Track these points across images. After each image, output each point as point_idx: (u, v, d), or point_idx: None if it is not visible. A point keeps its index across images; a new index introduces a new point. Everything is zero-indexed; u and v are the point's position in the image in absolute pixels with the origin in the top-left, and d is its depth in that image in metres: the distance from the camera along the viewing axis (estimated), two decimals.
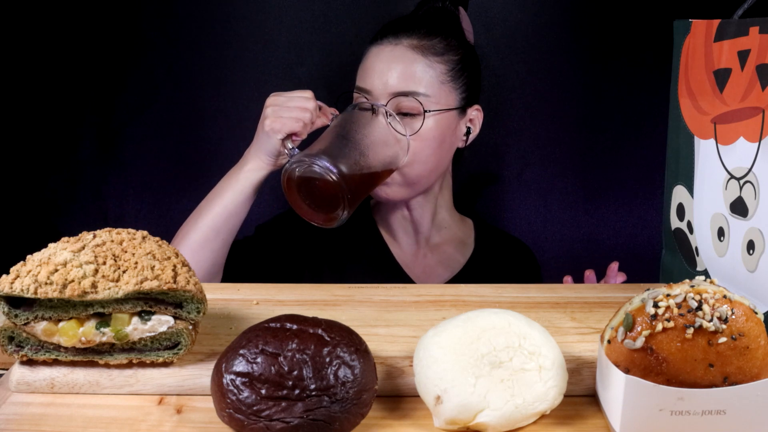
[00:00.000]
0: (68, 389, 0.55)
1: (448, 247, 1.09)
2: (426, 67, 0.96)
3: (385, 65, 0.96)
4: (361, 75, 0.99)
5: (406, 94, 0.94)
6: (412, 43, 0.97)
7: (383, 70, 0.96)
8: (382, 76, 0.95)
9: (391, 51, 0.97)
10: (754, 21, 0.60)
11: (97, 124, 1.20)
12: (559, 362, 0.51)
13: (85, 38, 1.16)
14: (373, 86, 0.95)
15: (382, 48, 0.98)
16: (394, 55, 0.96)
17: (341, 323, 0.53)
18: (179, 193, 1.21)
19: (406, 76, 0.95)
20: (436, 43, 0.98)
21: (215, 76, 1.18)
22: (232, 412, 0.48)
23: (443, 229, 1.09)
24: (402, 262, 1.07)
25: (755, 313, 0.48)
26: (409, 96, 0.94)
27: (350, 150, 0.88)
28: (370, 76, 0.96)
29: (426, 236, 1.07)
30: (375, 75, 0.96)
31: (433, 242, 1.08)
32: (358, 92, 0.98)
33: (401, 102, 0.95)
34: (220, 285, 0.75)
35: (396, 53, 0.96)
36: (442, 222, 1.08)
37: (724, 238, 0.65)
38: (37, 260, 0.54)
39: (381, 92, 0.95)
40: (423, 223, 1.06)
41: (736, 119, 0.63)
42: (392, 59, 0.96)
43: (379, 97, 0.95)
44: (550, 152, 1.20)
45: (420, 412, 0.53)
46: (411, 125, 0.95)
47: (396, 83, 0.95)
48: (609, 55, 1.16)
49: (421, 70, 0.96)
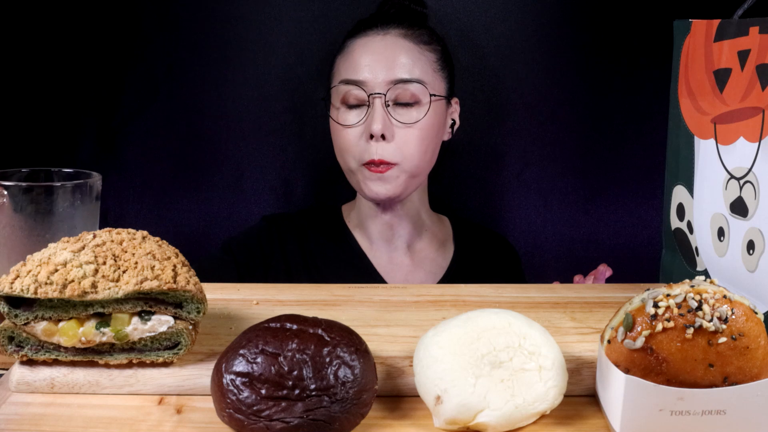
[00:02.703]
0: (68, 389, 0.55)
1: (429, 251, 1.06)
2: (419, 54, 0.95)
3: (379, 54, 0.94)
4: (348, 68, 0.96)
5: (407, 81, 0.93)
6: (401, 32, 0.96)
7: (378, 60, 0.94)
8: (377, 64, 0.93)
9: (382, 40, 0.95)
10: (754, 21, 0.60)
11: (97, 124, 1.20)
12: (559, 362, 0.51)
13: (85, 38, 1.16)
14: (368, 76, 0.93)
15: (370, 39, 0.96)
16: (386, 44, 0.95)
17: (341, 323, 0.53)
18: (179, 193, 1.21)
19: (404, 64, 0.94)
20: (423, 33, 0.98)
21: (215, 76, 1.18)
22: (232, 412, 0.48)
23: (423, 232, 1.06)
24: (381, 270, 1.04)
25: (755, 313, 0.48)
26: (413, 82, 0.93)
27: None
28: (363, 66, 0.94)
29: (406, 240, 1.04)
30: (369, 65, 0.93)
31: (415, 247, 1.05)
32: (347, 85, 0.95)
33: (403, 89, 0.93)
34: (220, 285, 0.75)
35: (388, 42, 0.95)
36: (423, 224, 1.06)
37: (724, 238, 0.65)
38: (37, 260, 0.54)
39: (379, 81, 0.93)
40: (403, 225, 1.04)
41: (736, 119, 0.63)
42: (385, 48, 0.94)
43: (376, 86, 0.93)
44: (550, 152, 1.20)
45: (420, 412, 0.53)
46: (410, 115, 0.94)
47: (395, 71, 0.93)
48: (609, 55, 1.16)
49: (415, 57, 0.95)
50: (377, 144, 0.93)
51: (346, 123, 0.96)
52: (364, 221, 1.05)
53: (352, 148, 0.96)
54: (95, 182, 0.70)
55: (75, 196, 0.67)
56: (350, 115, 0.96)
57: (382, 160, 0.94)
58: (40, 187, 0.66)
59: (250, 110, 1.19)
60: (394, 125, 0.94)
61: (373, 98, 0.93)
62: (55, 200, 0.66)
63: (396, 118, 0.94)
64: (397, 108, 0.94)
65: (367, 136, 0.94)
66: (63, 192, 0.67)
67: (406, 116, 0.94)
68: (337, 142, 0.99)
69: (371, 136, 0.93)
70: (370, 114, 0.93)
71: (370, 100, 0.93)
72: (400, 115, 0.94)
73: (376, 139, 0.93)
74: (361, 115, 0.95)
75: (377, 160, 0.94)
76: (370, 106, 0.93)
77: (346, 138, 0.96)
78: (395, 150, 0.94)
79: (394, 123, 0.94)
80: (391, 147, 0.94)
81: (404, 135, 0.94)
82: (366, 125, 0.94)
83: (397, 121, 0.94)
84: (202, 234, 1.22)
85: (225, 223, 1.22)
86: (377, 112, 0.93)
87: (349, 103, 0.96)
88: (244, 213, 1.22)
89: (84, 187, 0.68)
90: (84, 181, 0.68)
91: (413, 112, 0.94)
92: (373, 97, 0.93)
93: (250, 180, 1.21)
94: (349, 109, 0.96)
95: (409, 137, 0.94)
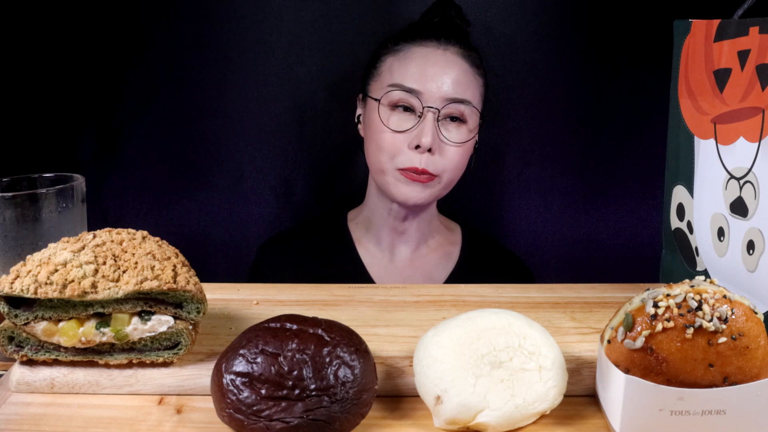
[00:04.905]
0: (68, 389, 0.55)
1: (433, 257, 1.06)
2: (473, 77, 0.97)
3: (440, 69, 0.95)
4: (405, 74, 0.96)
5: (462, 102, 0.94)
6: (459, 51, 0.97)
7: (437, 74, 0.94)
8: (436, 79, 0.94)
9: (443, 55, 0.96)
10: (754, 21, 0.60)
11: (97, 124, 1.20)
12: (559, 362, 0.51)
13: (85, 38, 1.16)
14: (426, 89, 0.94)
15: (431, 51, 0.96)
16: (446, 60, 0.96)
17: (341, 323, 0.53)
18: (179, 193, 1.21)
19: (462, 84, 0.95)
20: (476, 56, 0.99)
21: (215, 76, 1.18)
22: (232, 412, 0.48)
23: (430, 239, 1.07)
24: (376, 277, 1.04)
25: (755, 313, 0.48)
26: (466, 104, 0.95)
27: None
28: (423, 75, 0.94)
29: (412, 246, 1.05)
30: (428, 77, 0.94)
31: (420, 252, 1.06)
32: (401, 90, 0.95)
33: (456, 108, 0.94)
34: (220, 285, 0.75)
35: (448, 59, 0.96)
36: (431, 231, 1.06)
37: (724, 238, 0.65)
38: (37, 260, 0.54)
39: (435, 96, 0.93)
40: (411, 232, 1.04)
41: (736, 119, 0.63)
42: (446, 65, 0.95)
43: (431, 100, 0.93)
44: (550, 152, 1.20)
45: (420, 412, 0.53)
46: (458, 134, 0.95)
47: (452, 89, 0.94)
48: (609, 55, 1.16)
49: (470, 79, 0.96)
50: (422, 155, 0.94)
51: (396, 128, 0.95)
52: (373, 225, 1.06)
53: (396, 152, 0.96)
54: (79, 185, 0.69)
55: (59, 202, 0.67)
56: (401, 120, 0.96)
57: (425, 170, 0.94)
58: (24, 195, 0.65)
59: (250, 110, 1.19)
60: (442, 141, 0.95)
61: (427, 111, 0.94)
62: (41, 207, 0.66)
63: (445, 135, 0.95)
64: (447, 124, 0.95)
65: (413, 145, 0.94)
66: (47, 198, 0.66)
67: (454, 135, 0.95)
68: (377, 142, 0.98)
69: (417, 146, 0.94)
70: (420, 125, 0.94)
71: (424, 112, 0.94)
72: (449, 132, 0.95)
73: (421, 151, 0.94)
74: (410, 122, 0.95)
75: (421, 169, 0.94)
76: (422, 118, 0.94)
77: (390, 141, 0.96)
78: (439, 163, 0.95)
79: (442, 139, 0.95)
80: (436, 159, 0.95)
81: (449, 151, 0.95)
82: (416, 135, 0.94)
83: (445, 138, 0.95)
84: (202, 234, 1.22)
85: (225, 223, 1.22)
86: (429, 125, 0.93)
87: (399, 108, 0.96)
88: (244, 213, 1.22)
89: (68, 192, 0.67)
90: (69, 185, 0.68)
91: (461, 132, 0.95)
92: (428, 110, 0.94)
93: (250, 180, 1.21)
94: (399, 114, 0.96)
95: (453, 154, 0.96)
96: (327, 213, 1.14)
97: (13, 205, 0.64)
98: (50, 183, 0.69)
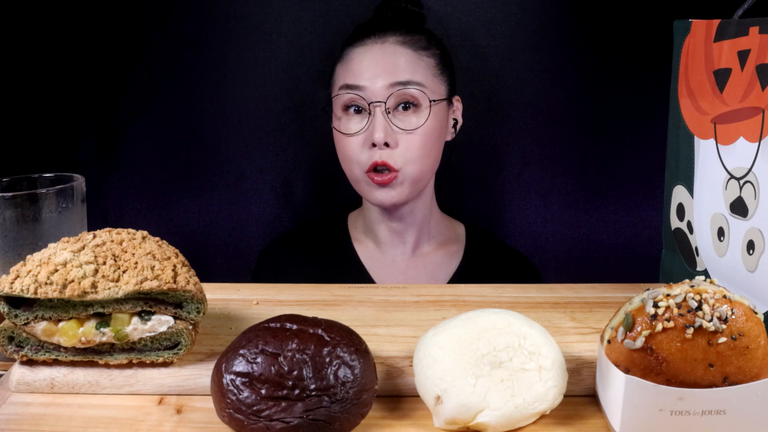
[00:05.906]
0: (68, 389, 0.55)
1: (434, 257, 1.05)
2: (418, 59, 0.96)
3: (378, 61, 0.95)
4: (347, 74, 0.96)
5: (407, 84, 0.93)
6: (398, 39, 0.96)
7: (376, 67, 0.94)
8: (376, 70, 0.94)
9: (381, 48, 0.96)
10: (754, 21, 0.60)
11: (97, 124, 1.20)
12: (559, 362, 0.51)
13: (85, 38, 1.16)
14: (367, 84, 0.94)
15: (369, 47, 0.96)
16: (384, 51, 0.95)
17: (341, 323, 0.53)
18: (179, 193, 1.21)
19: (403, 68, 0.94)
20: (421, 38, 0.98)
21: (215, 76, 1.18)
22: (232, 412, 0.48)
23: (431, 239, 1.06)
24: (378, 279, 1.04)
25: (755, 313, 0.48)
26: (412, 88, 0.94)
27: None
28: (362, 72, 0.95)
29: (412, 246, 1.05)
30: (369, 70, 0.94)
31: (421, 252, 1.05)
32: (348, 90, 0.95)
33: (403, 96, 0.93)
34: (220, 285, 0.75)
35: (386, 49, 0.96)
36: (430, 230, 1.06)
37: (724, 238, 0.65)
38: (37, 260, 0.54)
39: (379, 86, 0.93)
40: (410, 233, 1.04)
41: (736, 119, 0.63)
42: (384, 55, 0.95)
43: (376, 91, 0.93)
44: (550, 152, 1.20)
45: (420, 412, 0.53)
46: (410, 121, 0.94)
47: (394, 77, 0.93)
48: (609, 55, 1.16)
49: (414, 62, 0.95)
50: (381, 151, 0.94)
51: (348, 132, 0.96)
52: (371, 227, 1.06)
53: (356, 156, 0.96)
54: (79, 185, 0.69)
55: (59, 202, 0.67)
56: (352, 124, 0.96)
57: (385, 162, 0.94)
58: (24, 195, 0.65)
59: (250, 110, 1.19)
60: (396, 132, 0.94)
61: (374, 106, 0.94)
62: (41, 207, 0.66)
63: (397, 125, 0.94)
64: (398, 114, 0.95)
65: (369, 144, 0.94)
66: (47, 198, 0.66)
67: (407, 123, 0.94)
68: (341, 151, 0.99)
69: (373, 144, 0.94)
70: (371, 122, 0.94)
71: (371, 108, 0.94)
72: (401, 122, 0.94)
73: (380, 147, 0.94)
74: (363, 123, 0.95)
75: (381, 162, 0.94)
76: (371, 115, 0.94)
77: (349, 147, 0.96)
78: (398, 156, 0.95)
79: (395, 130, 0.94)
80: (394, 153, 0.94)
81: (406, 141, 0.95)
82: (368, 134, 0.94)
83: (398, 128, 0.94)
84: (202, 234, 1.22)
85: (225, 223, 1.22)
86: (378, 120, 0.93)
87: (350, 111, 0.96)
88: (244, 213, 1.22)
89: (68, 192, 0.68)
90: (69, 185, 0.68)
91: (414, 118, 0.94)
92: (374, 105, 0.94)
93: (250, 180, 1.21)
94: (350, 117, 0.96)
95: (411, 143, 0.95)
96: (327, 215, 1.15)
97: (13, 205, 0.64)
98: (50, 183, 0.69)
